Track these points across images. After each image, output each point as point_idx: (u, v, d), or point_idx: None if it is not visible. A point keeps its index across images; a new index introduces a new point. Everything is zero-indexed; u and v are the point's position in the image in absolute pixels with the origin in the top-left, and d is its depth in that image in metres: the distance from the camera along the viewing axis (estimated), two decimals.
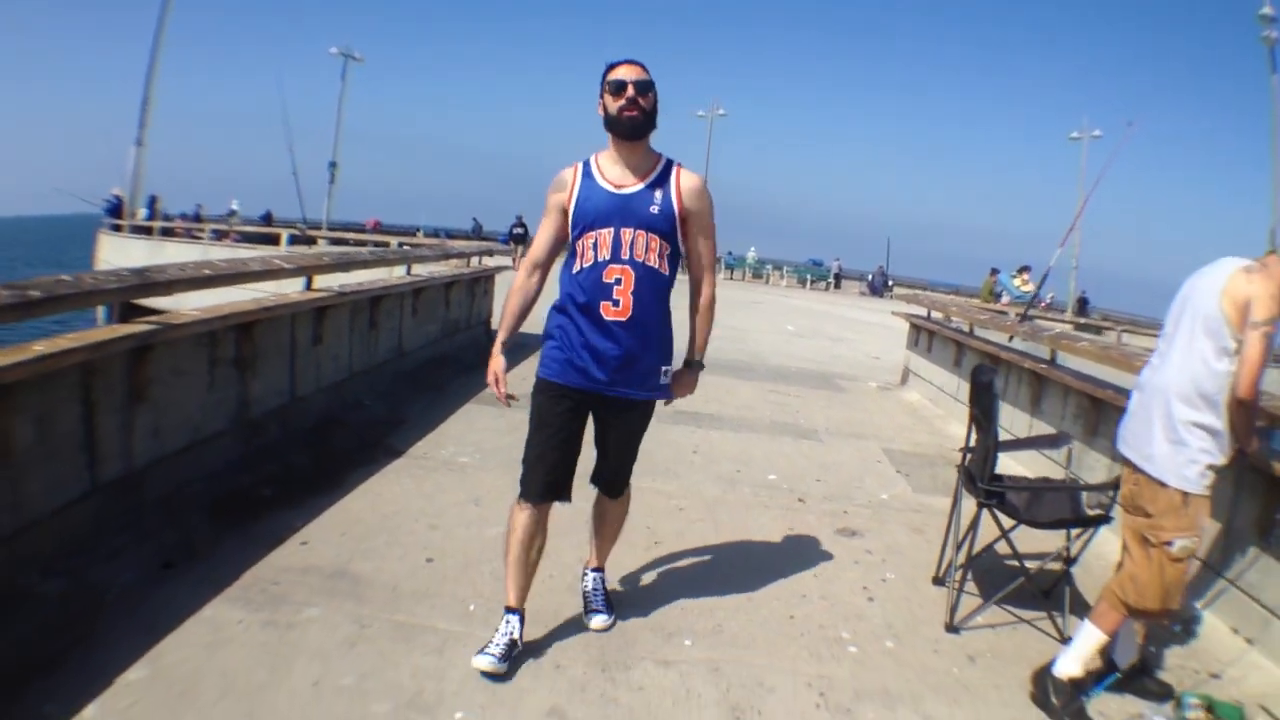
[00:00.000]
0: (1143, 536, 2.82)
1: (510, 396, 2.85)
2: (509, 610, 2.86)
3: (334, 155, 30.12)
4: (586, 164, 2.77)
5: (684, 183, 2.75)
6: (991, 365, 4.15)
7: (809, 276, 34.28)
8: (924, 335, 9.13)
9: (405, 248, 13.28)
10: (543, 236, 2.87)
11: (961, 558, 3.56)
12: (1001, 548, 3.54)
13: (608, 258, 2.67)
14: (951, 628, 3.41)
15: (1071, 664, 2.90)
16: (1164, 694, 3.03)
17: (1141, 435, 2.86)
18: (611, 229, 2.67)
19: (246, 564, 3.29)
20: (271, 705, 2.48)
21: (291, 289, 5.21)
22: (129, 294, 3.30)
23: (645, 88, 2.67)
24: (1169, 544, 2.74)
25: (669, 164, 2.77)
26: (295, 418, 4.93)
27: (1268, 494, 3.44)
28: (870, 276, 34.16)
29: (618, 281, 2.67)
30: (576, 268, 2.71)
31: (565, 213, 2.75)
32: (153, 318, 3.52)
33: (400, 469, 4.65)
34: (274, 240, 21.54)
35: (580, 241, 2.71)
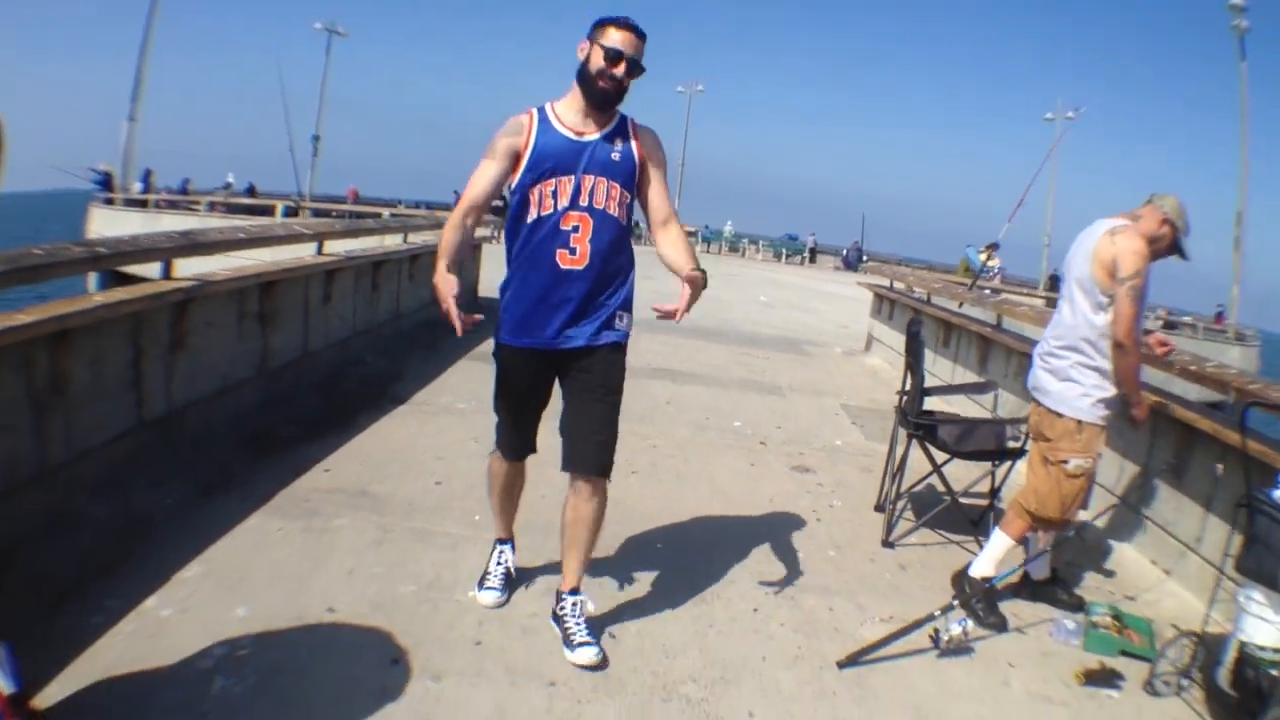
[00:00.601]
0: (1044, 456, 3.30)
1: (473, 319, 2.36)
2: (500, 541, 3.06)
3: (317, 128, 30.38)
4: (542, 110, 2.63)
5: (641, 133, 2.68)
6: (919, 318, 4.70)
7: (784, 251, 34.57)
8: (886, 304, 9.55)
9: (386, 218, 13.70)
10: (487, 176, 2.62)
11: (897, 487, 4.08)
12: (937, 482, 4.05)
13: (566, 205, 2.55)
14: (887, 543, 3.92)
15: (984, 565, 3.37)
16: (1076, 605, 3.42)
17: (1041, 376, 3.34)
18: (572, 176, 2.55)
19: (279, 486, 3.72)
20: (313, 588, 2.92)
21: (285, 255, 5.50)
22: (180, 253, 3.73)
23: (636, 68, 2.56)
24: (1065, 462, 3.20)
25: (624, 117, 2.68)
26: (307, 370, 5.35)
27: (1179, 438, 3.90)
28: (845, 251, 34.26)
29: (575, 229, 2.56)
30: (532, 215, 2.58)
31: (517, 157, 2.58)
32: (193, 275, 3.93)
33: (405, 413, 5.10)
34: (258, 212, 22.18)
35: (537, 188, 2.56)
